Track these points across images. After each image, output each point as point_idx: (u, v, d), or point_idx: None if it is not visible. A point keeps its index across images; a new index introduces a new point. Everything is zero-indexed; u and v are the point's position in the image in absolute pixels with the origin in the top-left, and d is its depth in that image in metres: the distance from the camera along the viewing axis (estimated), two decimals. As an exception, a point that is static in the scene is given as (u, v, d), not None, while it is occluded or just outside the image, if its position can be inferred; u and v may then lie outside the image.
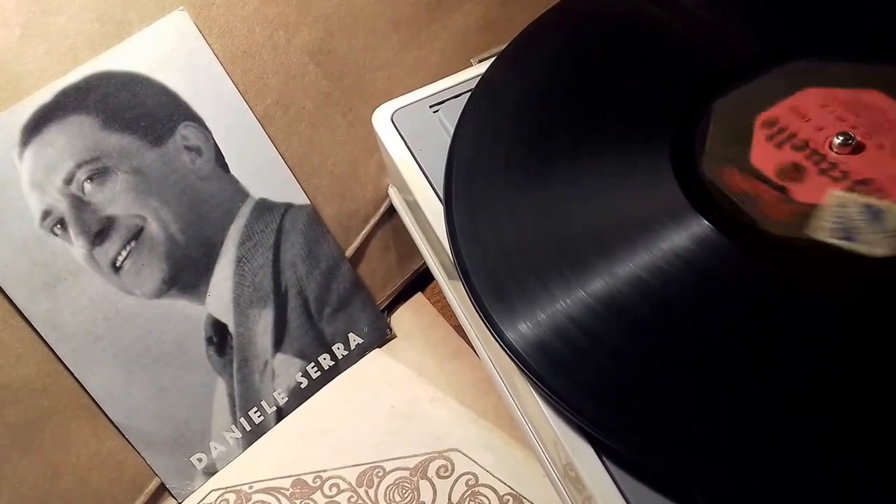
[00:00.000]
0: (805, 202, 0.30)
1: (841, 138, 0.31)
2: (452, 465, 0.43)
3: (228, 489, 0.44)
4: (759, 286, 0.28)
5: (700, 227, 0.29)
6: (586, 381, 0.28)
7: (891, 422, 0.25)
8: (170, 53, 0.39)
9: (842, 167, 0.30)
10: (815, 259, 0.28)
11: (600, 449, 0.29)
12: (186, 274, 0.42)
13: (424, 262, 0.48)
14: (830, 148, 0.31)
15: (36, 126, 0.37)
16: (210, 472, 0.45)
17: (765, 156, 0.32)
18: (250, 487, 0.44)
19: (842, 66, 0.33)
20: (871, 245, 0.28)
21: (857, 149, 0.31)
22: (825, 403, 0.26)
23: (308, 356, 0.47)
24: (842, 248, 0.28)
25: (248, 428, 0.45)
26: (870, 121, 0.31)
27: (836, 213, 0.29)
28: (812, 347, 0.27)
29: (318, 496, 0.43)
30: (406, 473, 0.43)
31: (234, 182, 0.43)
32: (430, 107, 0.41)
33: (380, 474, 0.43)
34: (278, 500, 0.43)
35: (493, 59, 0.39)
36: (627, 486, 0.28)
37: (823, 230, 0.29)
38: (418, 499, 0.42)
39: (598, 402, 0.28)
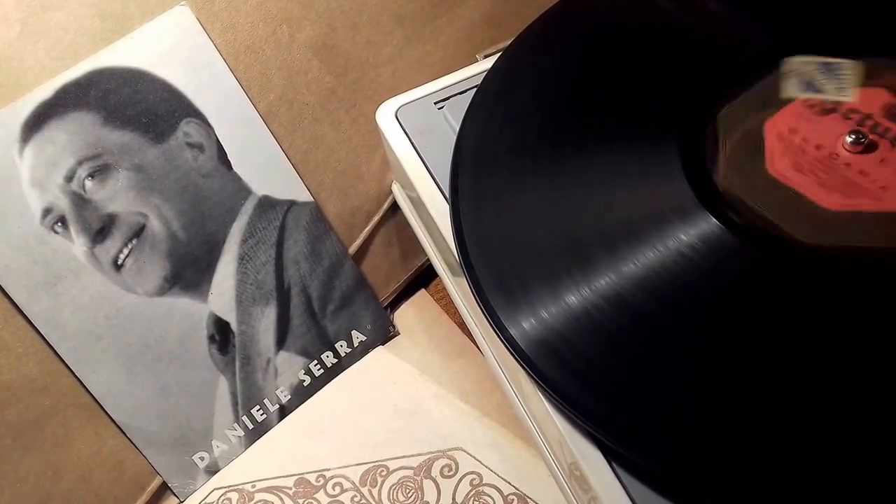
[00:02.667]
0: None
1: (853, 136, 0.30)
2: (456, 464, 0.43)
3: (231, 488, 0.44)
4: (768, 285, 0.28)
5: (708, 224, 0.29)
6: (591, 381, 0.28)
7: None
8: (172, 49, 0.39)
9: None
10: (827, 260, 0.28)
11: (606, 448, 0.28)
12: (188, 272, 0.42)
13: (428, 259, 0.47)
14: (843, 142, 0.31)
15: (36, 123, 0.37)
16: (212, 470, 0.45)
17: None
18: (253, 486, 0.44)
19: None
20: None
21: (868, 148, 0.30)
22: (836, 408, 0.26)
23: (311, 354, 0.46)
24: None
25: (250, 426, 0.45)
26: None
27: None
28: (824, 350, 0.27)
29: (321, 495, 0.43)
30: (410, 473, 0.43)
31: (237, 179, 0.42)
32: (435, 103, 0.40)
33: (383, 473, 0.43)
34: (281, 499, 0.43)
35: (498, 54, 0.39)
36: (633, 486, 0.28)
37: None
38: (422, 498, 0.41)
39: (602, 401, 0.27)
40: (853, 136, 0.30)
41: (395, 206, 0.48)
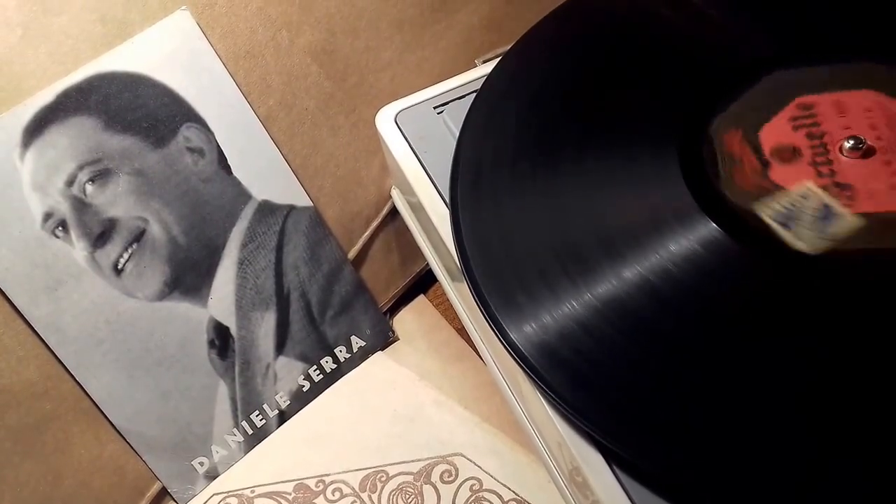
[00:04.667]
0: (774, 182, 0.30)
1: (852, 142, 0.30)
2: (456, 469, 0.43)
3: (230, 493, 0.44)
4: (768, 289, 0.28)
5: (708, 229, 0.29)
6: (592, 385, 0.28)
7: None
8: (172, 54, 0.39)
9: (834, 167, 0.30)
10: (826, 262, 0.28)
11: (607, 453, 0.28)
12: (188, 276, 0.42)
13: (427, 264, 0.47)
14: (840, 150, 0.31)
15: (37, 127, 0.37)
16: (212, 475, 0.45)
17: (776, 131, 0.32)
18: (252, 492, 0.44)
19: None
20: (798, 238, 0.28)
21: (865, 154, 0.30)
22: (836, 409, 0.26)
23: (310, 359, 0.46)
24: (772, 230, 0.29)
25: (249, 431, 0.45)
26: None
27: (794, 200, 0.29)
28: (824, 351, 0.27)
29: (320, 501, 0.42)
30: (409, 478, 0.43)
31: (237, 184, 0.42)
32: (435, 108, 0.41)
33: (383, 479, 0.43)
34: (281, 504, 0.43)
35: (498, 59, 0.39)
36: (635, 491, 0.27)
37: (769, 209, 0.29)
38: None
39: (603, 406, 0.27)
40: (852, 142, 0.30)
41: (394, 211, 0.48)
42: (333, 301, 0.46)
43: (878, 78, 0.33)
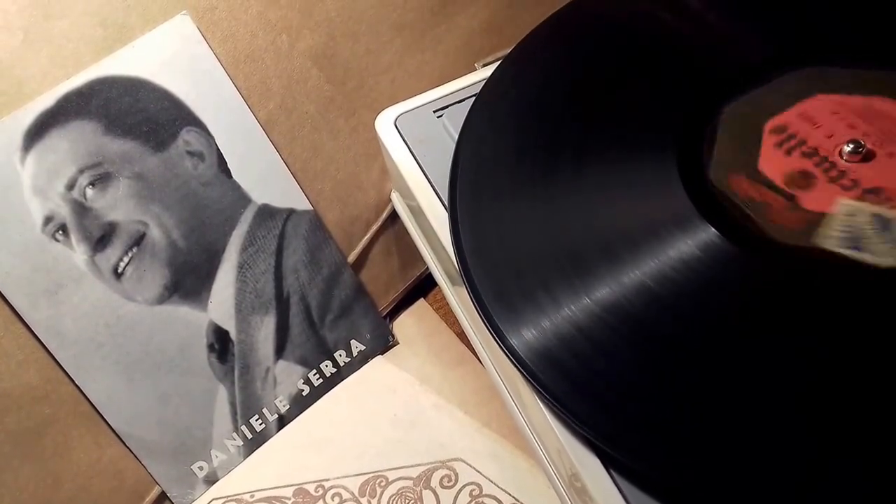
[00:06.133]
0: (814, 210, 0.29)
1: (851, 146, 0.30)
2: (456, 474, 0.42)
3: (229, 498, 0.44)
4: (767, 295, 0.28)
5: (707, 234, 0.29)
6: (591, 390, 0.28)
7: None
8: (172, 58, 0.39)
9: (852, 175, 0.30)
10: (824, 268, 0.28)
11: (606, 459, 0.28)
12: (188, 280, 0.42)
13: (427, 268, 0.47)
14: (840, 156, 0.31)
15: (38, 131, 0.37)
16: (211, 480, 0.45)
17: (773, 162, 0.31)
18: (252, 496, 0.43)
19: (854, 73, 0.33)
20: (879, 255, 0.28)
21: (868, 157, 0.30)
22: (836, 410, 0.25)
23: (310, 363, 0.46)
24: (848, 257, 0.28)
25: (249, 436, 0.45)
26: (881, 129, 0.31)
27: (844, 221, 0.29)
28: (823, 352, 0.26)
29: (320, 505, 0.42)
30: (409, 483, 0.42)
31: (237, 187, 0.42)
32: (434, 112, 0.41)
33: (382, 484, 0.43)
34: (280, 508, 0.43)
35: (497, 63, 0.39)
36: (634, 497, 0.27)
37: (832, 239, 0.28)
38: (421, 508, 0.41)
39: (602, 411, 0.27)
40: (851, 146, 0.30)
41: (394, 215, 0.48)
42: (333, 305, 0.46)
43: (819, 81, 0.33)
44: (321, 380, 0.47)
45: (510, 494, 0.41)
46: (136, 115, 0.39)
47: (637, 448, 0.26)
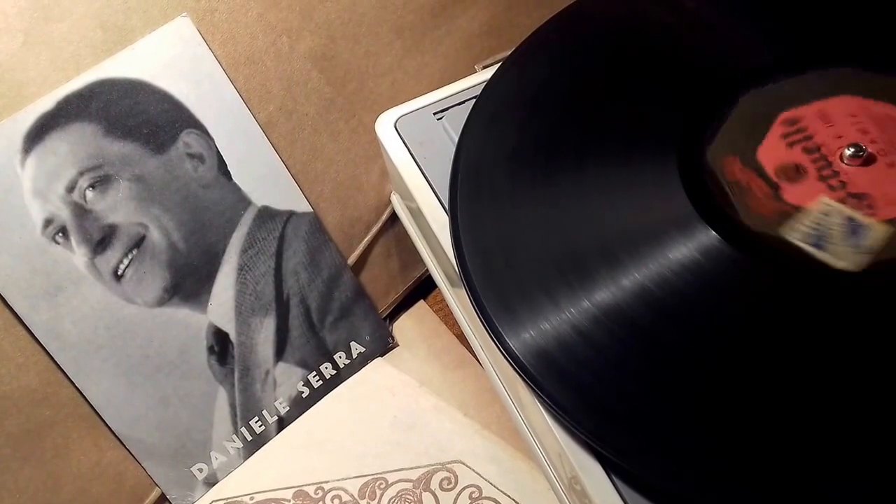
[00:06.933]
0: (792, 203, 0.30)
1: (852, 150, 0.30)
2: (456, 477, 0.42)
3: (229, 500, 0.44)
4: (767, 298, 0.28)
5: (707, 237, 0.29)
6: (590, 393, 0.28)
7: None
8: (172, 60, 0.39)
9: (843, 177, 0.30)
10: (826, 269, 0.28)
11: (606, 462, 0.28)
12: (188, 282, 0.42)
13: (427, 270, 0.47)
14: (840, 158, 0.30)
15: (38, 134, 0.37)
16: (211, 482, 0.45)
17: (772, 152, 0.31)
18: (251, 498, 0.43)
19: (886, 80, 0.32)
20: (837, 257, 0.28)
21: (867, 162, 0.30)
22: (836, 414, 0.25)
23: (310, 365, 0.46)
24: (806, 253, 0.28)
25: (249, 438, 0.45)
26: (893, 138, 0.31)
27: (817, 219, 0.29)
28: (824, 356, 0.26)
29: (319, 507, 0.42)
30: (409, 485, 0.42)
31: (237, 190, 0.42)
32: (434, 114, 0.41)
33: (382, 486, 0.43)
34: (280, 511, 0.43)
35: (497, 65, 0.39)
36: (633, 500, 0.27)
37: (798, 233, 0.29)
38: (421, 510, 0.41)
39: (602, 414, 0.27)
40: (852, 149, 0.30)
41: (394, 217, 0.48)
42: (333, 307, 0.46)
43: (849, 82, 0.33)
44: (321, 382, 0.47)
45: (510, 497, 0.41)
46: (137, 117, 0.39)
47: (636, 452, 0.26)
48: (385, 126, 0.40)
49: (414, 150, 0.39)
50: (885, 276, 0.27)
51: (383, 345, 0.49)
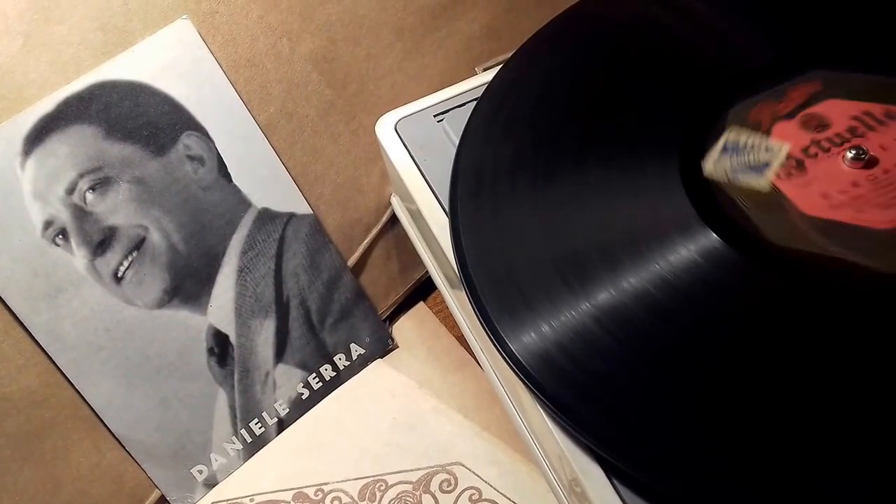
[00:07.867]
0: (770, 126, 0.32)
1: (853, 152, 0.30)
2: (456, 479, 0.42)
3: (229, 502, 0.44)
4: (768, 301, 0.28)
5: (708, 240, 0.29)
6: (591, 395, 0.28)
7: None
8: (173, 62, 0.39)
9: (827, 158, 0.31)
10: (825, 273, 0.28)
11: (606, 464, 0.28)
12: (188, 284, 0.42)
13: (427, 272, 0.47)
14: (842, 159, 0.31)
15: (38, 136, 0.37)
16: (210, 484, 0.44)
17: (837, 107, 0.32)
18: (251, 500, 0.43)
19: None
20: (715, 169, 0.30)
21: (867, 164, 0.30)
22: (836, 416, 0.25)
23: (309, 367, 0.46)
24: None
25: (248, 439, 0.45)
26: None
27: (762, 143, 0.31)
28: (825, 357, 0.26)
29: (319, 509, 0.42)
30: (409, 487, 0.42)
31: (237, 192, 0.42)
32: (435, 116, 0.41)
33: (382, 488, 0.43)
34: (280, 512, 0.43)
35: (497, 67, 0.39)
36: (633, 503, 0.27)
37: (735, 134, 0.31)
38: (421, 512, 0.41)
39: (602, 417, 0.27)
40: (853, 152, 0.30)
41: (394, 219, 0.48)
42: (333, 308, 0.46)
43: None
44: (321, 383, 0.47)
45: (510, 499, 0.41)
46: (137, 119, 0.39)
47: (636, 455, 0.26)
48: (385, 128, 0.40)
49: (414, 152, 0.39)
50: (884, 280, 0.27)
51: (383, 346, 0.49)
